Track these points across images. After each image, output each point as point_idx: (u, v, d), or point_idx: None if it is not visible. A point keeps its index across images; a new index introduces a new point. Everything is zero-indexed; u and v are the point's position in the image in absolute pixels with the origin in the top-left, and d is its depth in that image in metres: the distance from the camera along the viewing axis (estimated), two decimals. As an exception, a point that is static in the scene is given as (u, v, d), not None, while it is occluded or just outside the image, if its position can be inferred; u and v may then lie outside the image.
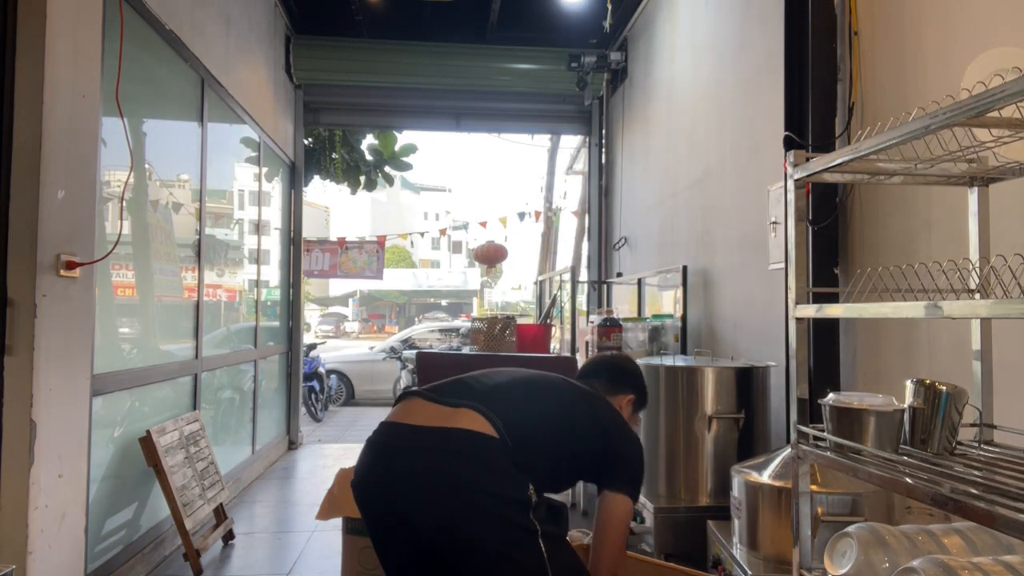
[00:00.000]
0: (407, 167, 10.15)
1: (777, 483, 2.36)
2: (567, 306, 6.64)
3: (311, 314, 34.36)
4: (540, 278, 10.75)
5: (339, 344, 21.90)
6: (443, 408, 1.73)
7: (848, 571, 1.69)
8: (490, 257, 12.53)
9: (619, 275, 6.84)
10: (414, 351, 9.80)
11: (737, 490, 2.50)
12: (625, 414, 2.15)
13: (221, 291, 5.23)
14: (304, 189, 7.96)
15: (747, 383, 3.19)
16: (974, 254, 1.81)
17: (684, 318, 4.71)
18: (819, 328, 2.89)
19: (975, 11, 2.29)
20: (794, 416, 1.88)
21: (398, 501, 1.67)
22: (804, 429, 1.83)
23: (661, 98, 5.81)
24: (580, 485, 4.75)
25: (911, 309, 1.41)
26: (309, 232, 9.92)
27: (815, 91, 3.00)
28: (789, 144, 2.99)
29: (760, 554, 2.38)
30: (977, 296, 1.72)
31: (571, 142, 12.41)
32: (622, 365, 2.30)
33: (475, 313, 33.10)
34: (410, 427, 1.73)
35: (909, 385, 1.67)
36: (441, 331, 14.00)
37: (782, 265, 3.14)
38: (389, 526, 1.70)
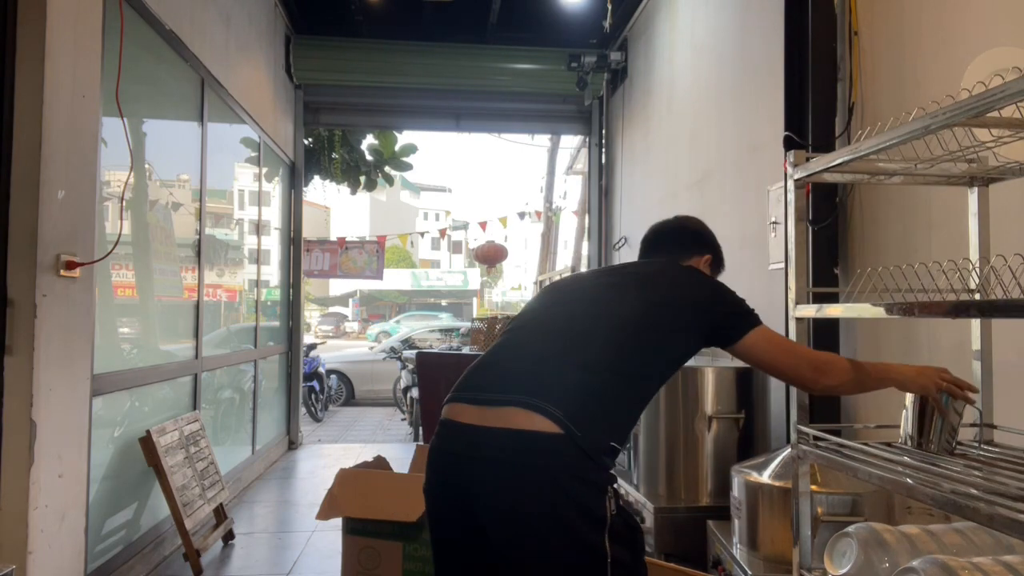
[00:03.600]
0: (407, 167, 10.15)
1: (777, 483, 2.35)
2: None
3: (311, 314, 34.36)
4: (540, 278, 10.75)
5: (339, 344, 21.90)
6: (489, 410, 1.52)
7: (848, 571, 1.69)
8: (490, 257, 12.54)
9: (619, 275, 6.83)
10: (414, 351, 9.80)
11: (737, 490, 2.50)
12: (709, 272, 1.95)
13: (221, 291, 5.24)
14: (304, 189, 7.97)
15: (747, 383, 3.19)
16: (974, 254, 1.81)
17: (684, 318, 4.69)
18: (819, 328, 2.89)
19: (975, 11, 2.29)
20: (794, 416, 1.88)
21: (465, 512, 1.52)
22: (804, 429, 1.83)
23: (661, 98, 5.81)
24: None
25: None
26: (309, 232, 9.92)
27: (815, 91, 3.00)
28: (789, 144, 2.99)
29: (760, 554, 2.38)
30: (977, 296, 1.72)
31: (571, 142, 12.42)
32: (688, 225, 2.06)
33: (475, 313, 33.07)
34: (464, 427, 1.54)
35: (909, 385, 1.67)
36: (441, 331, 14.00)
37: (782, 265, 3.14)
38: (455, 535, 1.57)
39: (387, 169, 9.96)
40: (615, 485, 1.50)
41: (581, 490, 1.45)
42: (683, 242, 1.98)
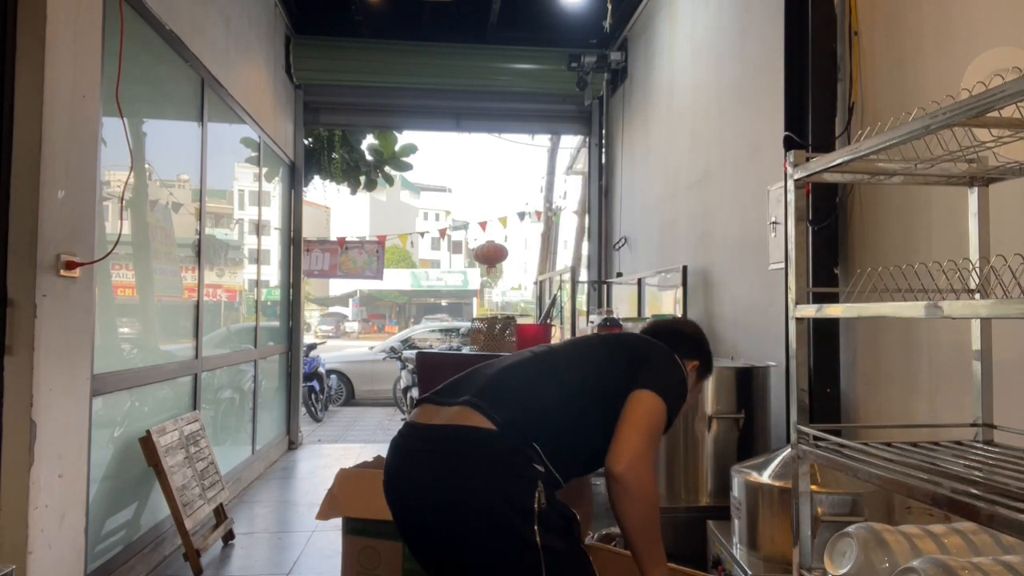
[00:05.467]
0: (407, 167, 10.15)
1: (777, 483, 2.35)
2: (567, 306, 6.65)
3: (311, 314, 34.35)
4: (540, 278, 10.75)
5: (339, 344, 21.90)
6: (444, 409, 1.68)
7: (848, 571, 1.69)
8: (490, 257, 12.53)
9: (619, 275, 6.84)
10: (414, 351, 9.80)
11: (737, 490, 2.50)
12: (688, 382, 1.96)
13: (221, 291, 5.24)
14: (304, 189, 7.97)
15: (747, 383, 3.19)
16: (974, 254, 1.81)
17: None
18: (819, 328, 2.89)
19: (975, 11, 2.29)
20: (794, 416, 1.88)
21: (411, 503, 1.66)
22: (804, 429, 1.83)
23: (661, 98, 5.81)
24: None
25: (911, 309, 1.41)
26: (309, 232, 9.92)
27: (815, 91, 3.00)
28: (789, 144, 2.99)
29: (760, 554, 2.38)
30: (977, 296, 1.72)
31: (571, 142, 12.44)
32: (683, 328, 2.12)
33: (476, 313, 33.03)
34: (419, 426, 1.70)
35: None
36: (441, 331, 14.01)
37: (782, 265, 3.14)
38: (408, 526, 1.69)
39: (387, 169, 9.95)
40: (545, 484, 1.59)
41: (508, 480, 1.56)
42: (678, 343, 2.03)
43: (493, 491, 1.55)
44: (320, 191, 10.07)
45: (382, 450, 3.76)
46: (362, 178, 9.78)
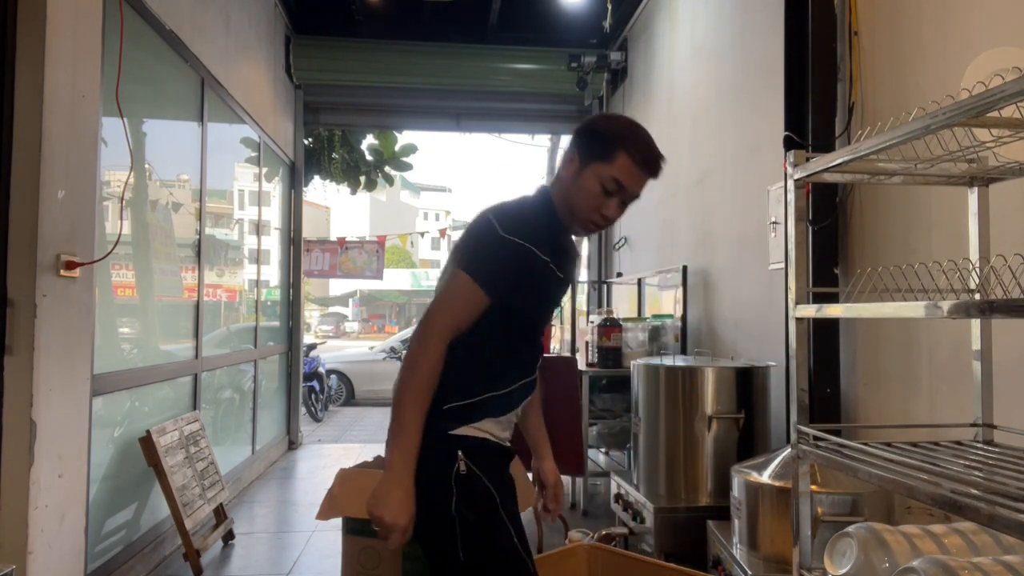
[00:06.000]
0: (407, 167, 10.15)
1: (777, 483, 2.36)
2: (567, 306, 6.64)
3: (311, 314, 34.34)
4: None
5: (339, 344, 21.91)
6: None
7: (848, 571, 1.69)
8: (490, 257, 12.51)
9: (619, 275, 6.84)
10: (414, 351, 9.77)
11: (737, 490, 2.51)
12: (567, 174, 1.64)
13: (221, 291, 5.23)
14: (304, 189, 7.97)
15: (747, 383, 3.19)
16: (974, 254, 1.81)
17: (684, 318, 4.70)
18: (819, 328, 2.89)
19: (975, 11, 2.29)
20: (794, 416, 1.88)
21: None
22: (804, 429, 1.83)
23: (661, 98, 5.81)
24: (579, 483, 4.75)
25: (911, 309, 1.41)
26: (309, 232, 9.91)
27: (815, 91, 3.00)
28: (789, 144, 2.99)
29: (760, 554, 2.38)
30: (977, 296, 1.72)
31: (571, 142, 12.42)
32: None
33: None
34: None
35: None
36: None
37: (782, 265, 3.14)
38: None
39: (387, 169, 9.96)
40: (473, 447, 1.57)
41: (425, 455, 1.54)
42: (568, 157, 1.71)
43: (416, 470, 1.56)
44: (320, 191, 10.07)
45: (382, 450, 3.76)
46: (362, 178, 9.78)
